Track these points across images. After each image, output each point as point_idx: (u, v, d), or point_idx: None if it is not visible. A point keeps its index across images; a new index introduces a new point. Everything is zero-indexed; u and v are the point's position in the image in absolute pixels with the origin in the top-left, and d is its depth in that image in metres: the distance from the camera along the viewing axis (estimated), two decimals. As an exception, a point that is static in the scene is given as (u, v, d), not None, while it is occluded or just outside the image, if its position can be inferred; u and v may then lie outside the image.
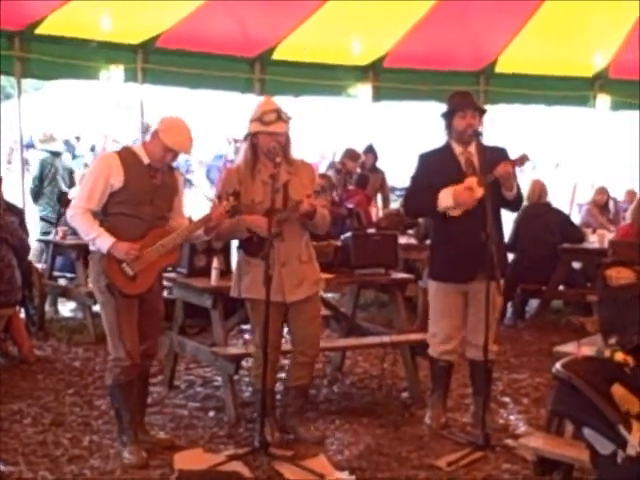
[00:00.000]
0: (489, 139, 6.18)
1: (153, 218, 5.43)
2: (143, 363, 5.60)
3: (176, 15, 11.31)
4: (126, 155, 5.46)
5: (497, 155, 5.98)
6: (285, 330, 6.06)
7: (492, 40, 12.90)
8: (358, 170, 12.09)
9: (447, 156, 6.06)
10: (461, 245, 5.93)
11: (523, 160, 5.96)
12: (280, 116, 5.61)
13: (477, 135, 5.96)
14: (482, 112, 6.17)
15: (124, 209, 5.37)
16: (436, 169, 6.06)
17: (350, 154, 12.34)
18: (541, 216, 9.60)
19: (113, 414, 5.72)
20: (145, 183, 5.41)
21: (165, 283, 6.48)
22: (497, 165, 5.83)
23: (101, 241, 5.31)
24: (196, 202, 7.59)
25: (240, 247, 5.80)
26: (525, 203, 9.20)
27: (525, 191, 9.36)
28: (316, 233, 5.89)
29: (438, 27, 12.10)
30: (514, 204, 6.20)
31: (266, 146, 5.59)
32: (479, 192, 5.84)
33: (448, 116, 6.08)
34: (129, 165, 5.38)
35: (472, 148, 6.00)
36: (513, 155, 6.06)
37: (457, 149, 6.04)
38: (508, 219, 7.96)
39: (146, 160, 5.42)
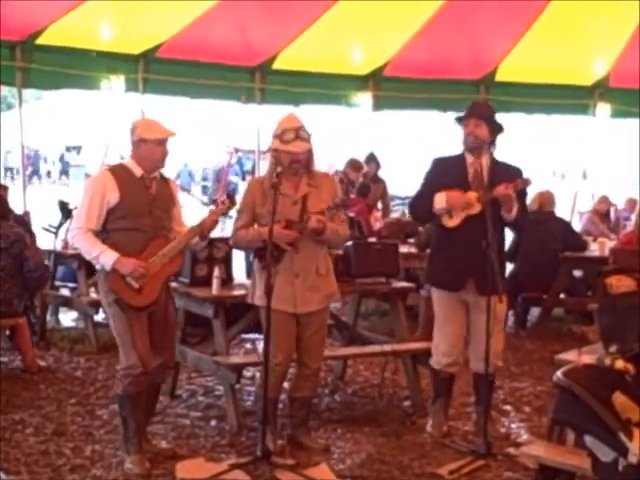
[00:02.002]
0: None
1: (154, 229, 5.45)
2: (159, 375, 5.63)
3: (177, 25, 11.34)
4: (118, 171, 5.49)
5: (508, 173, 5.93)
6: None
7: (492, 49, 12.92)
8: (360, 179, 12.11)
9: (457, 165, 6.05)
10: (455, 254, 5.96)
11: (525, 184, 5.91)
12: (299, 134, 5.60)
13: (479, 145, 5.93)
14: (490, 123, 6.02)
15: (124, 224, 5.39)
16: (444, 176, 6.06)
17: (353, 164, 12.35)
18: (542, 224, 9.59)
19: (118, 422, 5.72)
20: (141, 195, 5.43)
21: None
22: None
23: (104, 258, 5.33)
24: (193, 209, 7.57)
25: (255, 255, 5.82)
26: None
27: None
28: (330, 247, 5.90)
29: (438, 36, 12.13)
30: (515, 225, 6.19)
31: (286, 163, 5.61)
32: (476, 208, 5.84)
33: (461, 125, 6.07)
34: (123, 180, 5.41)
35: (484, 161, 5.95)
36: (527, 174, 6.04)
37: (469, 159, 6.02)
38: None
39: (139, 172, 5.45)
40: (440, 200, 5.93)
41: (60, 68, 11.13)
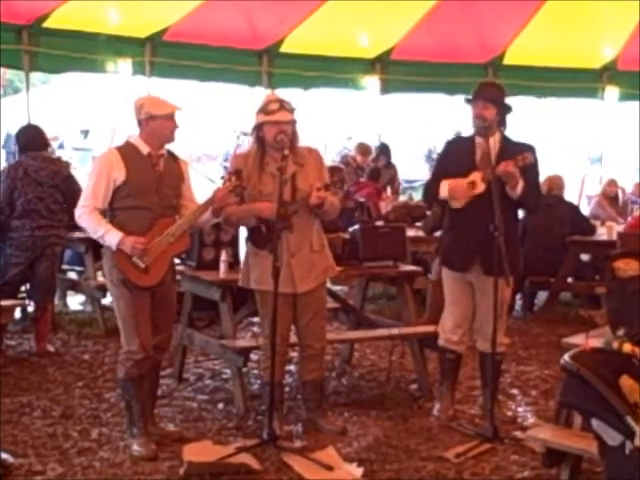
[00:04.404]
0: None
1: (161, 207, 5.43)
2: (155, 356, 5.62)
3: (184, 8, 11.32)
4: (125, 149, 5.48)
5: (519, 152, 5.88)
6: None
7: (500, 32, 12.87)
8: (371, 164, 12.13)
9: (467, 146, 6.05)
10: (461, 235, 6.00)
11: (524, 160, 5.86)
12: (283, 105, 5.62)
13: (487, 126, 5.89)
14: (497, 103, 5.98)
15: (131, 202, 5.38)
16: (454, 157, 6.10)
17: (361, 148, 12.37)
18: (551, 208, 9.54)
19: (123, 406, 5.74)
20: (148, 173, 5.42)
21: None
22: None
23: (109, 237, 5.33)
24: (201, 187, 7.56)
25: (249, 239, 5.81)
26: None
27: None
28: (325, 219, 5.90)
29: (446, 19, 12.09)
30: (524, 204, 6.12)
31: (271, 136, 5.59)
32: (480, 187, 5.83)
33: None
34: (129, 158, 5.40)
35: (494, 141, 5.91)
36: (541, 152, 6.03)
37: (477, 140, 6.00)
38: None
39: (146, 150, 5.44)
40: (444, 189, 5.96)
41: (67, 51, 11.13)
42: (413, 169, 21.64)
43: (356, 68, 13.11)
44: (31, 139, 7.83)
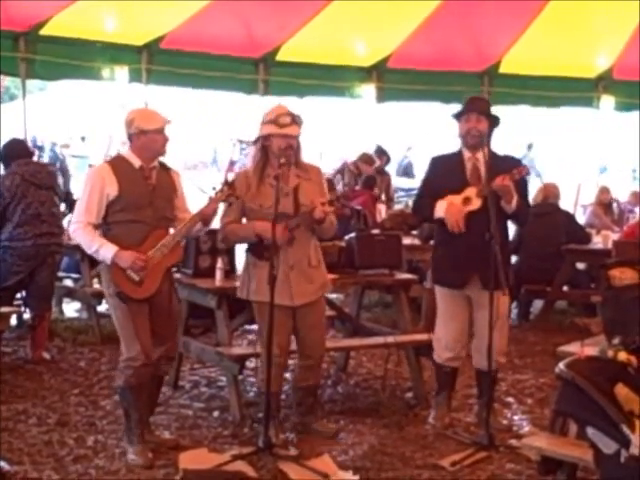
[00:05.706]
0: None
1: (155, 220, 5.44)
2: (161, 366, 5.63)
3: (180, 16, 11.34)
4: (117, 163, 5.49)
5: (507, 165, 5.88)
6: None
7: (496, 41, 12.90)
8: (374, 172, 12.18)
9: (455, 161, 6.02)
10: (458, 251, 5.93)
11: (520, 173, 5.87)
12: (294, 120, 5.65)
13: (482, 141, 5.90)
14: (490, 118, 6.00)
15: (125, 216, 5.39)
16: (443, 173, 6.05)
17: (365, 158, 12.44)
18: (546, 216, 9.57)
19: (121, 413, 5.73)
20: (140, 186, 5.43)
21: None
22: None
23: (104, 251, 5.34)
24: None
25: (248, 249, 5.82)
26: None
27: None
28: (321, 236, 5.90)
29: (442, 28, 12.12)
30: (517, 217, 6.13)
31: (278, 149, 5.60)
32: (476, 203, 5.82)
33: (458, 121, 6.04)
34: (121, 172, 5.40)
35: (481, 155, 5.88)
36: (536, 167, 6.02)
37: (466, 155, 6.00)
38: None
39: (137, 163, 5.44)
40: (440, 210, 5.92)
41: (64, 59, 11.12)
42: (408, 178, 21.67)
43: (352, 76, 13.12)
44: (17, 150, 7.87)
